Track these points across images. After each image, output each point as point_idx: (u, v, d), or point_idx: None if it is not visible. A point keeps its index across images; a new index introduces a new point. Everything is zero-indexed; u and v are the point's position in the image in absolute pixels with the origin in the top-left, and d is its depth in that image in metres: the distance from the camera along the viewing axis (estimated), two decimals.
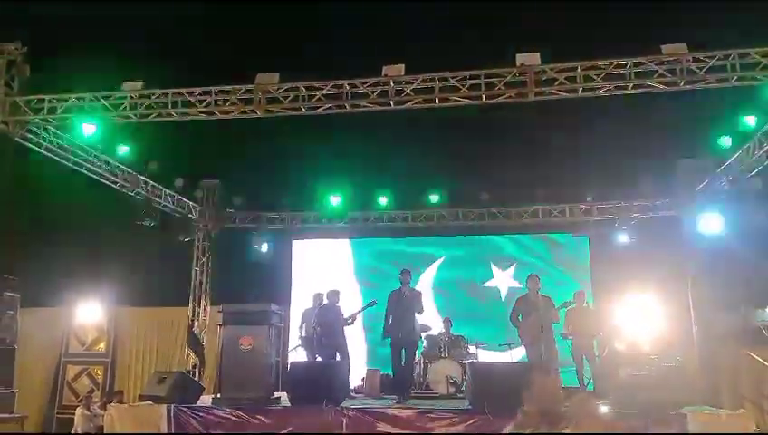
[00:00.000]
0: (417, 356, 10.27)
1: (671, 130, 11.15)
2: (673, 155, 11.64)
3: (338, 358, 10.14)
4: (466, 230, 13.64)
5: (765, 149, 9.46)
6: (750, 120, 9.31)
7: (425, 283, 13.40)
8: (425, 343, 11.27)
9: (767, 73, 7.69)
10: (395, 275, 9.56)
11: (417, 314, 9.22)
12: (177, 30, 11.71)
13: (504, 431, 7.05)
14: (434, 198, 12.77)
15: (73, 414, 11.67)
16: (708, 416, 7.26)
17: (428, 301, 12.54)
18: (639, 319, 11.05)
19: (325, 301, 10.70)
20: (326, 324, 10.36)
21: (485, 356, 11.42)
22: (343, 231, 13.96)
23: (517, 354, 10.56)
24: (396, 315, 9.06)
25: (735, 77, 7.80)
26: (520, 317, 9.21)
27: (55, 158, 9.77)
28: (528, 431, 2.38)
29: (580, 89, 8.20)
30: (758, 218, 10.38)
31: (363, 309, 10.63)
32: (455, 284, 13.76)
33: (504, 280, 13.63)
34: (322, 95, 8.71)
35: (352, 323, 10.81)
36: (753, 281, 11.59)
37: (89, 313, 13.54)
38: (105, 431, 8.17)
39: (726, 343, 11.88)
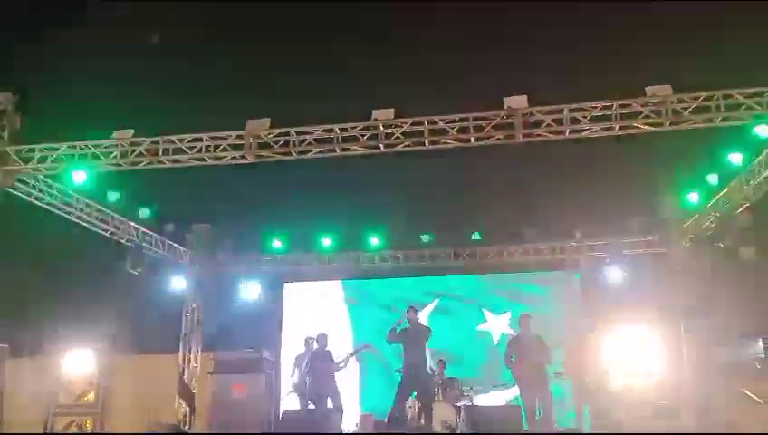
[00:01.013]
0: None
1: (658, 168, 11.26)
2: (661, 192, 11.74)
3: (330, 404, 10.00)
4: (458, 270, 13.62)
5: (751, 185, 9.61)
6: (736, 158, 9.44)
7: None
8: None
9: (751, 114, 7.83)
10: (388, 316, 9.43)
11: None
12: (168, 77, 11.80)
13: None
14: (425, 238, 12.79)
15: None
16: None
17: None
18: (632, 356, 11.02)
19: (315, 346, 10.60)
20: (316, 370, 10.23)
21: (480, 398, 11.29)
22: (335, 273, 13.90)
23: (511, 393, 10.47)
24: (411, 353, 8.86)
25: (720, 117, 7.93)
26: (513, 358, 9.16)
27: (45, 206, 9.75)
28: None
29: (568, 130, 8.30)
30: (744, 253, 10.47)
31: (355, 353, 10.53)
32: (447, 326, 13.66)
33: (497, 326, 13.54)
34: (313, 139, 8.76)
35: (345, 367, 10.68)
36: (743, 315, 11.63)
37: (78, 362, 13.29)
38: None
39: (720, 379, 11.86)
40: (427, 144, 8.64)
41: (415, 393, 9.01)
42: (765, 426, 10.47)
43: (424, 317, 13.58)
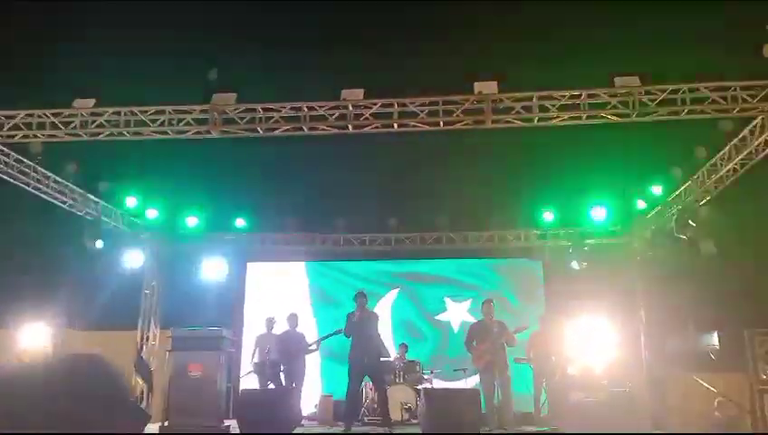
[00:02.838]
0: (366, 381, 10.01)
1: (624, 159, 11.38)
2: (625, 183, 11.87)
3: (294, 384, 10.01)
4: (423, 254, 13.65)
5: (714, 179, 9.76)
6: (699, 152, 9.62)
7: (381, 309, 13.27)
8: None
9: (716, 107, 7.93)
10: (350, 299, 9.40)
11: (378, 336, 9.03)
12: (131, 46, 11.49)
13: None
14: (391, 222, 12.76)
15: None
16: None
17: (385, 327, 12.51)
18: (591, 343, 11.19)
19: (275, 326, 10.58)
20: (285, 350, 10.22)
21: (440, 383, 11.37)
22: (299, 254, 13.81)
23: (471, 381, 10.56)
24: (357, 339, 8.87)
25: (685, 111, 8.01)
26: (474, 343, 9.21)
27: (1, 176, 9.46)
28: None
29: (536, 118, 8.32)
30: (704, 246, 10.66)
31: (327, 337, 10.38)
32: (410, 310, 13.72)
33: (457, 313, 13.62)
34: (280, 117, 8.63)
35: (316, 349, 10.65)
36: (700, 307, 11.88)
37: (34, 335, 13.01)
38: None
39: (675, 368, 12.14)
40: (395, 126, 8.58)
41: (368, 377, 9.04)
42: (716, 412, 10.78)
43: (387, 304, 13.65)
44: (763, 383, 12.25)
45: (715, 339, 12.33)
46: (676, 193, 10.75)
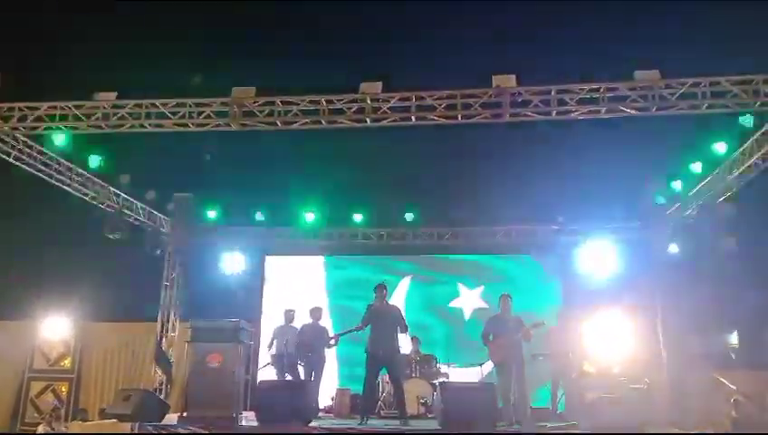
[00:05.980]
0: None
1: (643, 154, 11.29)
2: (644, 179, 11.78)
3: (312, 377, 10.06)
4: (439, 250, 13.66)
5: (735, 174, 9.64)
6: (721, 148, 9.51)
7: (395, 301, 13.29)
8: None
9: (737, 101, 7.84)
10: (366, 293, 9.40)
11: (399, 331, 9.01)
12: (153, 40, 11.61)
13: None
14: (408, 217, 12.78)
15: (36, 431, 11.37)
16: None
17: None
18: (609, 340, 11.12)
19: (309, 319, 10.67)
20: (307, 343, 10.29)
21: (457, 375, 11.37)
22: (316, 248, 13.87)
23: (487, 368, 10.54)
24: (376, 330, 8.88)
25: (706, 104, 7.92)
26: (491, 337, 9.18)
27: (24, 167, 9.61)
28: None
29: (554, 112, 8.27)
30: (727, 243, 10.54)
31: (346, 332, 10.37)
32: (423, 303, 13.73)
33: (470, 300, 13.65)
34: (299, 110, 8.67)
35: (334, 344, 10.68)
36: (721, 306, 11.75)
37: (55, 327, 13.24)
38: None
39: (695, 366, 12.01)
40: (413, 120, 8.59)
41: (386, 369, 9.05)
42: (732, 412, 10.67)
43: (400, 293, 13.68)
44: None
45: (735, 338, 12.21)
46: (697, 188, 10.64)
